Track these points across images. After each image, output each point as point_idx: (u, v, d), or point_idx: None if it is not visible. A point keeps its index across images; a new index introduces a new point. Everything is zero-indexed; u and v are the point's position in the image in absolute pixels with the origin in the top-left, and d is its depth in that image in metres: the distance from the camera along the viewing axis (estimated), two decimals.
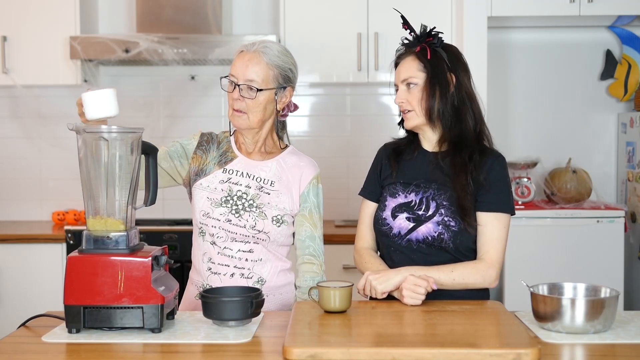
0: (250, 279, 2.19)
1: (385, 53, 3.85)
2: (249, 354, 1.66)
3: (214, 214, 2.18)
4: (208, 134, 2.31)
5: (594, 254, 3.65)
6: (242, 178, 2.22)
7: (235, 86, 2.17)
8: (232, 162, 2.24)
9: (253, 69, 2.15)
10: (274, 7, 4.15)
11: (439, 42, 2.14)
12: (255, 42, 2.20)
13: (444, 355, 1.57)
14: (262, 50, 2.16)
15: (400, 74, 2.16)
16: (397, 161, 2.21)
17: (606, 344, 1.72)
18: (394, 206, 2.16)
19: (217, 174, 2.22)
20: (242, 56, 2.17)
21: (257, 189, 2.20)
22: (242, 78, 2.16)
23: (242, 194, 2.20)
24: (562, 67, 4.21)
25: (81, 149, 1.86)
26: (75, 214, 4.12)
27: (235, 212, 2.18)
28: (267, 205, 2.19)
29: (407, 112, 2.16)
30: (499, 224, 2.10)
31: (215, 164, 2.24)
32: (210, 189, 2.21)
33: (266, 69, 2.16)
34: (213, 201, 2.19)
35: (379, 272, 2.06)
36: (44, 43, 3.91)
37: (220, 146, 2.27)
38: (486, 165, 2.11)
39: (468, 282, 2.07)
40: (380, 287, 2.02)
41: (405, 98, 2.14)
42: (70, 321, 1.79)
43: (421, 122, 2.15)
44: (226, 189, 2.20)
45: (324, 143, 4.26)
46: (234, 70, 2.17)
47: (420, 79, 2.13)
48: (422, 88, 2.13)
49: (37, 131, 4.28)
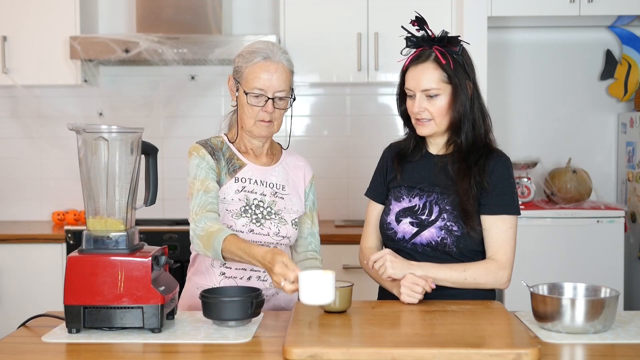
0: (265, 281, 2.19)
1: (385, 53, 3.85)
2: (249, 354, 1.66)
3: (237, 226, 2.14)
4: (206, 145, 2.19)
5: (594, 254, 3.65)
6: (257, 186, 2.19)
7: (267, 100, 2.12)
8: (241, 170, 2.20)
9: (282, 80, 2.12)
10: (274, 7, 4.15)
11: (460, 49, 2.09)
12: (269, 48, 2.13)
13: (444, 355, 1.57)
14: (283, 59, 2.13)
15: (421, 82, 2.08)
16: (400, 164, 2.20)
17: (606, 344, 1.72)
18: (398, 210, 2.15)
19: (231, 185, 2.18)
20: (266, 68, 2.11)
21: (272, 195, 2.20)
22: (272, 91, 2.11)
23: (259, 202, 2.17)
24: (562, 67, 4.20)
25: (81, 149, 1.86)
26: (75, 214, 4.12)
27: (256, 222, 2.16)
28: (284, 210, 2.20)
29: (425, 120, 2.11)
30: (504, 225, 2.09)
31: (225, 173, 2.19)
32: (227, 200, 2.16)
33: (290, 77, 2.16)
34: (233, 213, 2.15)
35: (399, 258, 2.06)
36: (44, 43, 3.91)
37: (223, 153, 2.21)
38: (489, 168, 2.10)
39: (479, 282, 2.06)
40: (391, 271, 2.02)
41: (425, 108, 2.09)
42: (70, 321, 1.79)
43: (438, 132, 2.13)
44: (243, 199, 2.17)
45: (324, 143, 4.26)
46: (259, 83, 2.10)
47: (444, 90, 2.08)
48: (445, 99, 2.08)
49: (37, 131, 4.28)
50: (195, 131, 4.19)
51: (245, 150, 2.24)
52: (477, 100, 2.13)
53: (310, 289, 1.74)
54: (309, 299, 1.75)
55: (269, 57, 2.12)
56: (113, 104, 4.21)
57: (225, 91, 4.23)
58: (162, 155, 2.27)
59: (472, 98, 2.11)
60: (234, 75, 2.19)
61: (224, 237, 1.98)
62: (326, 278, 1.75)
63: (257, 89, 2.11)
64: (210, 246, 2.00)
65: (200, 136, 2.32)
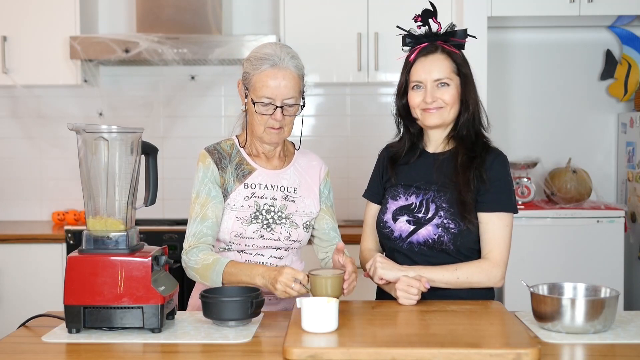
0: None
1: (385, 53, 3.85)
2: (249, 354, 1.66)
3: (247, 233, 2.14)
4: (214, 151, 2.19)
5: (594, 254, 3.65)
6: (267, 191, 2.18)
7: (276, 108, 2.09)
8: (251, 176, 2.18)
9: (290, 86, 2.08)
10: (274, 7, 4.15)
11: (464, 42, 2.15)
12: (276, 54, 2.09)
13: (444, 355, 1.57)
14: (291, 66, 2.09)
15: (433, 73, 2.10)
16: (393, 167, 2.21)
17: (606, 344, 1.72)
18: (394, 209, 2.16)
19: (240, 191, 2.16)
20: (273, 75, 2.08)
21: (283, 199, 2.18)
22: (280, 99, 2.08)
23: (269, 207, 2.16)
24: (562, 67, 4.20)
25: (81, 149, 1.86)
26: (75, 214, 4.12)
27: (267, 227, 2.15)
28: (296, 214, 2.19)
29: (434, 110, 2.11)
30: (500, 223, 2.09)
31: (234, 179, 2.17)
32: (237, 207, 2.15)
33: (299, 82, 2.12)
34: (243, 220, 2.14)
35: (388, 261, 2.09)
36: (44, 43, 3.91)
37: (232, 159, 2.19)
38: (487, 164, 2.11)
39: (472, 281, 2.06)
40: (381, 271, 2.04)
41: (437, 97, 2.10)
42: (70, 321, 1.79)
43: (447, 121, 2.14)
44: (253, 205, 2.15)
45: (324, 143, 4.25)
46: (267, 92, 2.07)
47: (454, 80, 2.11)
48: (455, 89, 2.11)
49: (37, 131, 4.28)
50: (195, 131, 4.19)
51: (256, 154, 2.21)
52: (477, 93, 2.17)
53: (314, 317, 1.72)
54: (311, 327, 1.72)
55: (276, 64, 2.08)
56: (113, 104, 4.21)
57: (225, 91, 4.24)
58: (162, 155, 2.27)
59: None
60: (242, 81, 2.17)
61: (222, 270, 2.04)
62: (329, 307, 1.73)
63: (265, 97, 2.08)
64: (209, 278, 2.06)
65: (199, 136, 2.32)
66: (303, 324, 1.73)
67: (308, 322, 1.72)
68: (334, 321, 1.74)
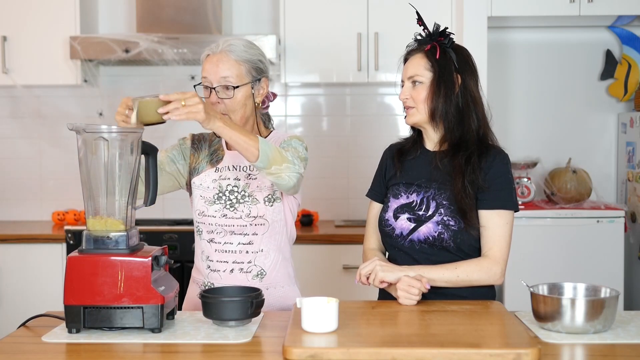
0: (249, 272, 2.19)
1: (385, 53, 3.85)
2: (249, 354, 1.66)
3: (209, 211, 2.20)
4: (199, 134, 2.32)
5: (594, 254, 3.65)
6: (230, 172, 2.22)
7: (211, 90, 2.15)
8: (222, 161, 2.25)
9: (224, 67, 2.14)
10: (274, 7, 4.15)
11: (449, 43, 2.14)
12: (218, 43, 2.18)
13: (444, 355, 1.57)
14: (227, 49, 2.15)
15: (408, 70, 2.16)
16: (400, 161, 2.22)
17: (606, 344, 1.72)
18: (396, 207, 2.16)
19: (209, 173, 2.23)
20: (210, 59, 2.16)
21: (245, 178, 2.21)
22: (215, 79, 2.14)
23: (232, 188, 2.20)
24: (562, 67, 4.20)
25: (81, 149, 1.86)
26: (75, 214, 4.12)
27: (230, 207, 2.19)
28: (257, 189, 2.20)
29: (409, 108, 2.17)
30: (500, 220, 2.09)
31: (207, 162, 2.25)
32: (202, 187, 2.22)
33: (237, 65, 2.15)
34: (206, 199, 2.21)
35: (387, 263, 2.10)
36: (44, 43, 3.91)
37: (211, 145, 2.28)
38: (487, 163, 2.11)
39: (472, 279, 2.07)
40: (382, 274, 2.04)
41: (409, 95, 2.15)
42: (70, 321, 1.79)
43: (422, 120, 2.15)
44: (217, 186, 2.21)
45: (324, 143, 4.26)
46: (205, 73, 2.16)
47: (427, 77, 2.13)
48: (427, 87, 2.13)
49: (37, 131, 4.28)
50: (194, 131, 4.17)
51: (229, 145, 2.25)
52: (468, 95, 2.13)
53: (314, 317, 1.72)
54: (311, 327, 1.72)
55: (214, 50, 2.17)
56: (113, 104, 4.21)
57: None
58: None
59: (461, 91, 2.12)
60: None
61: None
62: (330, 307, 1.73)
63: (204, 79, 2.17)
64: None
65: None
66: (303, 324, 1.74)
67: (308, 322, 1.73)
68: (334, 321, 1.74)
